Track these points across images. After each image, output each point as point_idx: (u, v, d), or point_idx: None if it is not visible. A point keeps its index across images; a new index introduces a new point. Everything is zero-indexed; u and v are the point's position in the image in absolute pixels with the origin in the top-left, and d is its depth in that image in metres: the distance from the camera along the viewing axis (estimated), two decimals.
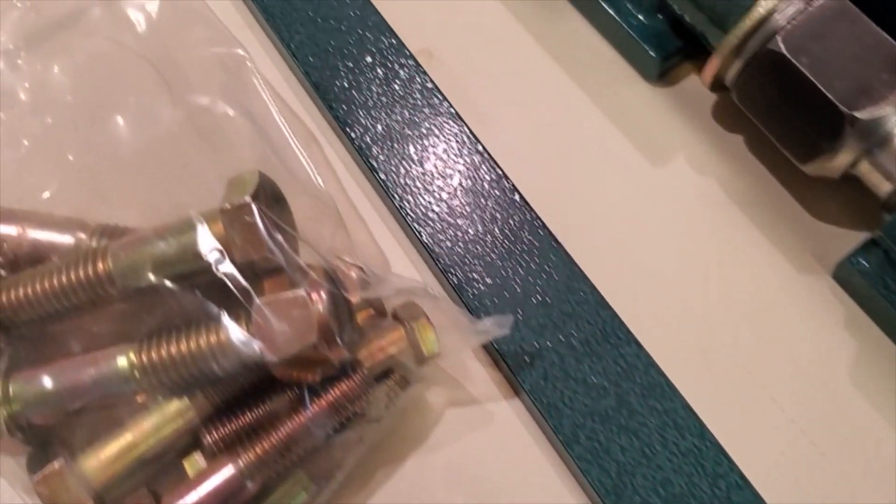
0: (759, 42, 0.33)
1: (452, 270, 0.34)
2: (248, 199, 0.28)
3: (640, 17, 0.38)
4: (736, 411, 0.33)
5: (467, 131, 0.37)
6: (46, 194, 0.33)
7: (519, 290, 0.34)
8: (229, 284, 0.28)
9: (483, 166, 0.36)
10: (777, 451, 0.32)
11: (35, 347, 0.31)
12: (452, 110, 0.37)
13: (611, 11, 0.39)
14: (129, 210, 0.34)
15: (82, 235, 0.32)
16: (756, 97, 0.35)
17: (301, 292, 0.28)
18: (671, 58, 0.38)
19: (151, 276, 0.29)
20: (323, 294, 0.28)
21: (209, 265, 0.29)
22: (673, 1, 0.36)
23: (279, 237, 0.29)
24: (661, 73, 0.39)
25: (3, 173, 0.35)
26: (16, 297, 0.30)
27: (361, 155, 0.36)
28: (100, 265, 0.30)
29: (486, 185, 0.36)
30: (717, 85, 0.36)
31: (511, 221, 0.35)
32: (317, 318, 0.27)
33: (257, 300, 0.28)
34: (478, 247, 0.34)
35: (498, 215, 0.35)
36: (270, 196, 0.30)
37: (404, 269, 0.35)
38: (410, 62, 0.38)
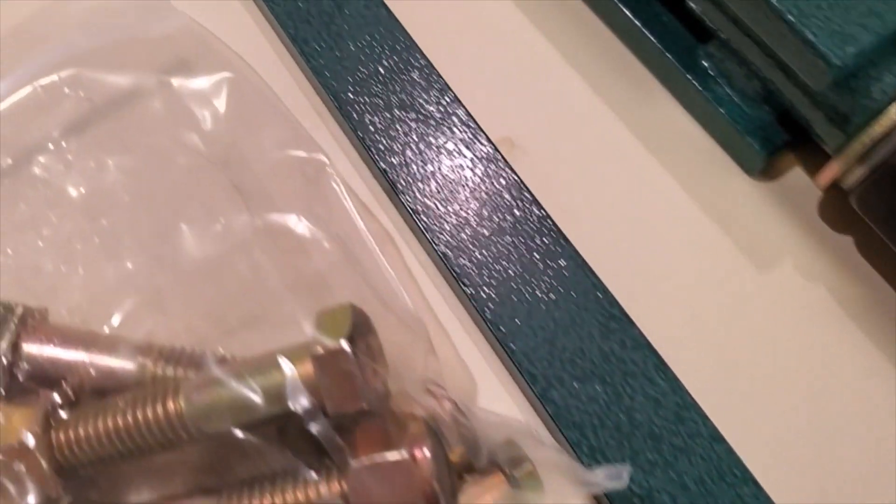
0: (891, 150, 0.30)
1: (550, 394, 0.31)
2: (343, 344, 0.25)
3: (743, 106, 0.35)
4: None
5: (555, 231, 0.34)
6: (116, 319, 0.30)
7: (624, 419, 0.31)
8: (321, 440, 0.25)
9: (576, 273, 0.33)
10: None
11: (99, 491, 0.28)
12: (542, 210, 0.34)
13: (710, 100, 0.35)
14: (193, 322, 0.32)
15: (148, 363, 0.29)
16: (881, 206, 0.31)
17: (403, 454, 0.25)
18: (777, 152, 0.35)
19: (229, 424, 0.26)
20: (426, 451, 0.25)
21: (296, 414, 0.26)
22: (783, 93, 0.33)
23: (375, 383, 0.26)
24: (765, 167, 0.36)
25: (52, 280, 0.32)
26: (76, 438, 0.28)
27: (445, 262, 0.33)
28: (170, 406, 0.27)
29: (581, 295, 0.33)
30: (831, 185, 0.33)
31: (611, 337, 0.32)
32: (421, 484, 0.25)
33: (353, 462, 0.25)
34: (576, 368, 0.31)
35: (595, 331, 0.32)
36: (362, 332, 0.27)
37: (491, 388, 0.32)
38: (494, 154, 0.35)
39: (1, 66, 0.34)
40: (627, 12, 0.37)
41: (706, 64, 0.36)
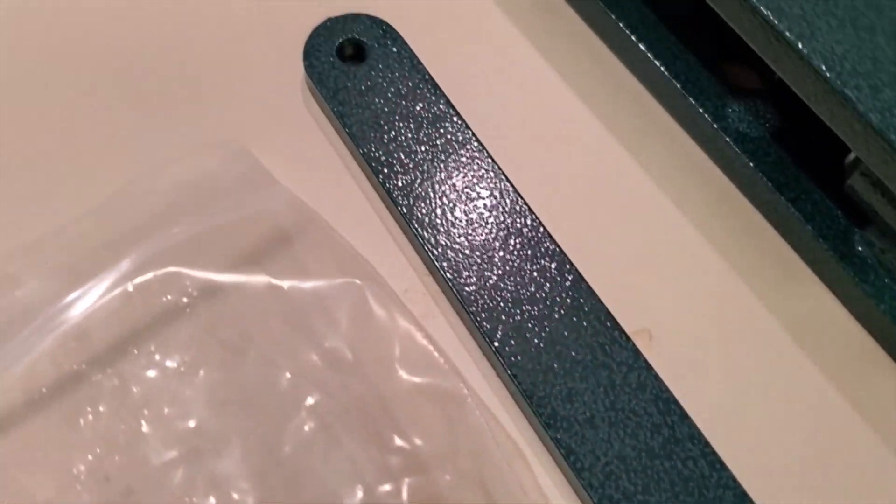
0: None
1: None
2: None
3: None
4: None
5: (710, 454, 0.30)
6: None
7: None
8: None
9: (723, 493, 0.30)
10: None
11: None
12: (694, 428, 0.31)
13: (868, 294, 0.32)
14: None
15: None
16: None
17: None
18: None
19: None
20: None
21: None
22: None
23: None
24: None
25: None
26: None
27: (590, 494, 0.30)
28: None
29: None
30: None
31: None
32: None
33: None
34: None
35: None
36: None
37: None
38: (636, 361, 0.32)
39: (87, 260, 0.30)
40: (774, 188, 0.34)
41: (863, 251, 0.33)
